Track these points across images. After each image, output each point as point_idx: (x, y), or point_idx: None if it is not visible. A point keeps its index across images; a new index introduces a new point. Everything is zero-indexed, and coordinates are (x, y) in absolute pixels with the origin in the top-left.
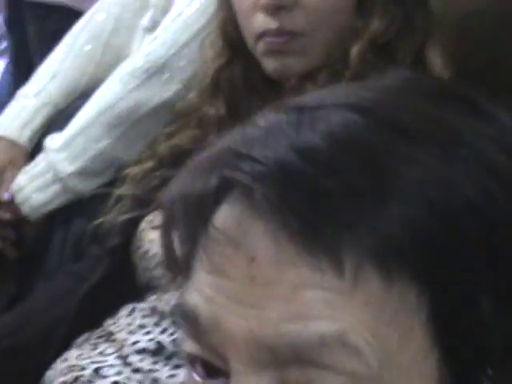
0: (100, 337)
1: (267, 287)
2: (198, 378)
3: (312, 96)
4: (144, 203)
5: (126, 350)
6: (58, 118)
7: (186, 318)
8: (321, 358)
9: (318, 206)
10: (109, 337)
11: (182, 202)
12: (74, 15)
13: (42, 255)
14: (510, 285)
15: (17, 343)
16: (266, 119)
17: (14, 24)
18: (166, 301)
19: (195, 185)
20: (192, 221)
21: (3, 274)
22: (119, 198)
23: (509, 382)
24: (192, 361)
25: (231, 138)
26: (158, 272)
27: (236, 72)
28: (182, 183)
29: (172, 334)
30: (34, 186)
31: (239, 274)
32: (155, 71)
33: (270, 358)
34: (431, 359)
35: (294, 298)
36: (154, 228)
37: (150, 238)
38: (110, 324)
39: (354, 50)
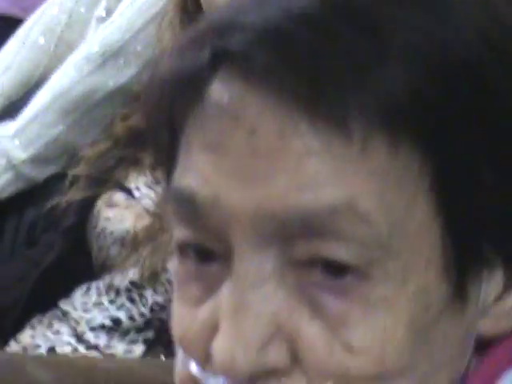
0: (55, 316)
1: (271, 159)
2: (190, 266)
3: None
4: (100, 182)
5: (81, 328)
6: (10, 109)
7: (179, 202)
8: (330, 227)
9: (321, 70)
10: (64, 316)
11: (172, 80)
12: (15, 24)
13: None
14: (510, 155)
15: None
16: None
17: None
18: (122, 278)
19: (186, 60)
20: (184, 98)
21: None
22: (74, 179)
23: (507, 250)
24: (183, 249)
25: (217, 13)
26: (114, 250)
27: None
28: (170, 62)
29: (128, 310)
30: None
31: (240, 148)
32: (110, 56)
33: (277, 232)
34: (435, 228)
35: (301, 168)
36: (110, 206)
37: (107, 216)
38: (64, 304)
39: None
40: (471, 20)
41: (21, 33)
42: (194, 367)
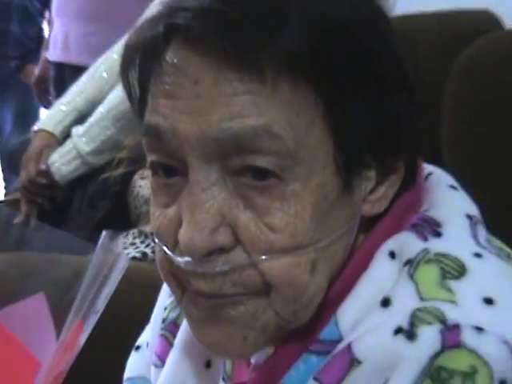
0: None
1: (209, 99)
2: (160, 179)
3: None
4: (137, 162)
5: None
6: (81, 119)
7: (150, 134)
8: (254, 145)
9: (241, 35)
10: None
11: (139, 47)
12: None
13: (66, 208)
14: (377, 86)
15: None
16: None
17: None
18: (149, 226)
19: (147, 33)
20: (148, 60)
21: (41, 219)
22: (120, 160)
23: (380, 157)
24: (155, 168)
25: (165, 1)
26: (144, 208)
27: None
28: (137, 33)
29: (153, 247)
30: (62, 161)
31: (187, 93)
32: None
33: (217, 150)
34: (329, 142)
35: (231, 103)
36: (142, 178)
37: (140, 184)
38: None
39: None
40: None
41: (91, 69)
42: (167, 250)
